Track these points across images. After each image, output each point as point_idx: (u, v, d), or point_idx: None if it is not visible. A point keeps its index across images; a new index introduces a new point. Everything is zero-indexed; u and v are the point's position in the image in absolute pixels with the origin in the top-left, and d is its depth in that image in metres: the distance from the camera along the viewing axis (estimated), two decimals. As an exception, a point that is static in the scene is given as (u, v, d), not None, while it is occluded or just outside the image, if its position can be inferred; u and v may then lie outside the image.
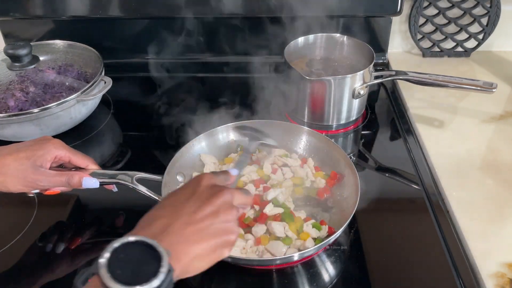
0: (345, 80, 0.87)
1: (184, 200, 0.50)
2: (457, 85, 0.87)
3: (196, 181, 0.53)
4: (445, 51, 1.17)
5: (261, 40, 1.07)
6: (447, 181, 0.79)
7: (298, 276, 0.65)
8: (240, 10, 1.04)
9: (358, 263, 0.66)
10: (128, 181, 0.68)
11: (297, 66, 0.91)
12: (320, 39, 1.00)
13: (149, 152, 0.90)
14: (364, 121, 0.98)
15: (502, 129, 0.92)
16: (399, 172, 0.84)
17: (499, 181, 0.79)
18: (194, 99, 1.01)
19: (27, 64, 0.94)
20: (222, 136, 0.84)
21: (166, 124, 0.93)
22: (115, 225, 0.75)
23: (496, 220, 0.72)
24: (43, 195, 0.69)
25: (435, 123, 0.95)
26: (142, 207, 0.67)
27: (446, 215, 0.74)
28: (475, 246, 0.67)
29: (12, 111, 0.86)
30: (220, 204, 0.50)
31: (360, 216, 0.72)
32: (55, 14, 1.09)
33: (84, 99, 0.88)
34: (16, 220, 0.76)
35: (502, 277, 0.63)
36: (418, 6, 1.10)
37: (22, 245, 0.71)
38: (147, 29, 1.13)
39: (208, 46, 1.16)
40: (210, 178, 0.53)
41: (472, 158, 0.84)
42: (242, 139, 0.84)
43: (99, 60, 0.98)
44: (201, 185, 0.52)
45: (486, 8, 1.10)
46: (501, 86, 1.03)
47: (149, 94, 1.06)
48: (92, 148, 0.93)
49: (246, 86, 0.99)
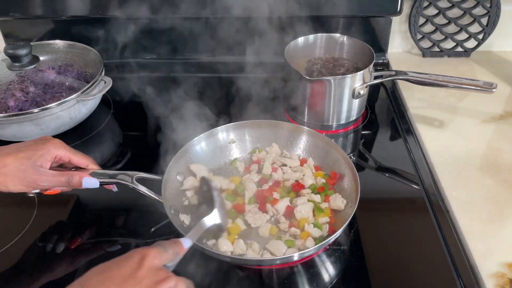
0: (345, 80, 0.87)
1: (119, 282, 0.43)
2: (457, 85, 0.87)
3: (138, 259, 0.45)
4: (445, 51, 1.17)
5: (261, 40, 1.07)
6: (447, 181, 0.79)
7: (298, 276, 0.65)
8: (240, 10, 1.04)
9: (358, 263, 0.66)
10: (128, 181, 0.68)
11: (297, 66, 0.91)
12: (320, 39, 1.00)
13: (149, 152, 0.89)
14: (364, 121, 0.98)
15: (502, 129, 0.92)
16: (399, 172, 0.84)
17: (499, 181, 0.79)
18: (194, 99, 1.00)
19: (27, 64, 0.94)
20: (222, 136, 0.84)
21: (166, 124, 0.93)
22: (115, 225, 0.75)
23: (496, 220, 0.72)
24: (43, 195, 0.69)
25: (435, 123, 0.95)
26: (142, 207, 0.67)
27: (446, 215, 0.74)
28: (475, 246, 0.67)
29: (12, 111, 0.86)
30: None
31: (360, 216, 0.72)
32: (55, 14, 1.09)
33: (84, 99, 0.88)
34: (16, 220, 0.76)
35: (502, 277, 0.63)
36: (418, 6, 1.10)
37: (22, 245, 0.71)
38: (147, 29, 1.13)
39: (208, 46, 1.16)
40: (155, 257, 0.46)
41: (472, 158, 0.84)
42: (240, 142, 0.84)
43: (99, 60, 0.98)
44: (144, 266, 0.44)
45: (486, 8, 1.10)
46: (501, 86, 1.03)
47: (149, 94, 1.06)
48: (92, 148, 0.93)
49: (246, 86, 0.99)
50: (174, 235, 0.70)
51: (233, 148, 0.85)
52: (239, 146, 0.85)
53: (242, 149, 0.86)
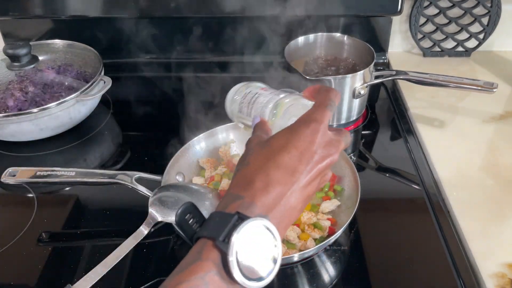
0: (345, 80, 0.87)
1: (297, 162, 0.42)
2: (457, 85, 0.87)
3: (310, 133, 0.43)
4: (445, 51, 1.17)
5: (262, 39, 1.07)
6: (447, 181, 0.79)
7: (298, 277, 0.65)
8: (240, 10, 1.04)
9: (358, 264, 0.66)
10: (128, 181, 0.68)
11: (297, 66, 0.91)
12: (320, 39, 1.00)
13: (148, 152, 0.89)
14: (365, 121, 0.98)
15: (502, 129, 0.92)
16: (399, 172, 0.84)
17: (499, 181, 0.79)
18: (194, 98, 1.00)
19: (26, 64, 0.94)
20: (222, 136, 0.84)
21: (165, 124, 0.93)
22: (114, 225, 0.75)
23: (497, 220, 0.72)
24: (42, 195, 0.69)
25: (436, 123, 0.95)
26: (142, 207, 0.67)
27: (446, 215, 0.74)
28: (476, 246, 0.67)
29: (11, 111, 0.86)
30: (329, 169, 0.45)
31: (360, 216, 0.72)
32: (55, 14, 1.09)
33: (84, 99, 0.88)
34: (16, 220, 0.75)
35: (502, 277, 0.63)
36: (418, 5, 1.10)
37: (21, 245, 0.70)
38: (147, 28, 1.12)
39: (208, 45, 1.15)
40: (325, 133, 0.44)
41: (473, 158, 0.84)
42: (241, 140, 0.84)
43: (99, 60, 0.98)
44: (316, 142, 0.43)
45: (487, 7, 1.10)
46: (501, 86, 1.03)
47: (148, 94, 1.06)
48: (91, 148, 0.93)
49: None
50: (174, 235, 0.70)
51: (233, 148, 0.85)
52: (239, 146, 0.85)
53: (242, 149, 0.85)
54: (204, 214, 0.42)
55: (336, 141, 0.45)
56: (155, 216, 0.64)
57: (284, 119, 0.53)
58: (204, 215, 0.42)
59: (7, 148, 0.91)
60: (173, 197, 0.66)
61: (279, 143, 0.44)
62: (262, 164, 0.42)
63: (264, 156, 0.43)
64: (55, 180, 0.73)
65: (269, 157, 0.43)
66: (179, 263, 0.38)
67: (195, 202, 0.42)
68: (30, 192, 0.80)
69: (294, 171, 0.42)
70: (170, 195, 0.66)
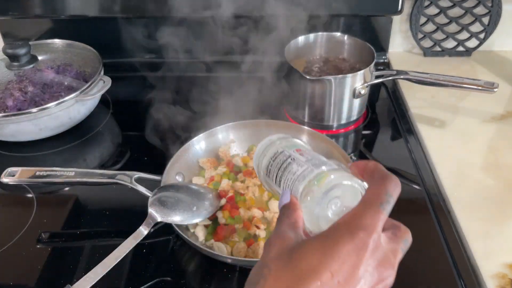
0: (345, 80, 0.87)
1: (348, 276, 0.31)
2: (458, 85, 0.86)
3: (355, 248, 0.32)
4: (446, 51, 1.17)
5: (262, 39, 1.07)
6: (448, 181, 0.79)
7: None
8: (241, 10, 1.03)
9: (358, 264, 0.66)
10: (127, 181, 0.68)
11: (297, 66, 0.90)
12: (320, 38, 1.00)
13: (148, 152, 0.89)
14: (365, 121, 0.98)
15: (503, 129, 0.91)
16: (400, 172, 0.84)
17: (500, 181, 0.78)
18: (194, 98, 1.00)
19: (26, 64, 0.94)
20: (222, 136, 0.84)
21: (165, 124, 0.93)
22: (114, 225, 0.74)
23: (498, 221, 0.71)
24: (42, 195, 0.68)
25: (436, 123, 0.94)
26: (141, 207, 0.67)
27: (447, 216, 0.74)
28: (477, 247, 0.67)
29: (11, 111, 0.86)
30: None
31: (360, 216, 0.72)
32: (54, 13, 1.09)
33: (83, 99, 0.88)
34: (15, 220, 0.75)
35: (503, 277, 0.62)
36: (419, 5, 1.10)
37: (21, 246, 0.70)
38: (147, 28, 1.12)
39: (208, 45, 1.15)
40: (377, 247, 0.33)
41: (474, 158, 0.84)
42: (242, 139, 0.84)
43: (98, 59, 0.97)
44: (362, 263, 0.32)
45: (488, 7, 1.09)
46: (502, 85, 1.03)
47: (148, 94, 1.05)
48: (91, 148, 0.92)
49: (246, 86, 0.99)
50: (174, 235, 0.70)
51: (233, 148, 0.85)
52: (239, 146, 0.85)
53: (242, 149, 0.85)
54: (203, 214, 0.40)
55: (392, 253, 0.34)
56: (155, 216, 0.64)
57: (322, 204, 0.39)
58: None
59: (6, 148, 0.91)
60: (173, 197, 0.66)
61: (309, 264, 0.32)
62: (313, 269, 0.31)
63: (285, 284, 0.32)
64: (55, 180, 0.73)
65: (292, 285, 0.31)
66: (179, 263, 0.38)
67: (195, 202, 0.41)
68: (30, 192, 0.80)
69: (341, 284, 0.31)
70: (170, 195, 0.66)
